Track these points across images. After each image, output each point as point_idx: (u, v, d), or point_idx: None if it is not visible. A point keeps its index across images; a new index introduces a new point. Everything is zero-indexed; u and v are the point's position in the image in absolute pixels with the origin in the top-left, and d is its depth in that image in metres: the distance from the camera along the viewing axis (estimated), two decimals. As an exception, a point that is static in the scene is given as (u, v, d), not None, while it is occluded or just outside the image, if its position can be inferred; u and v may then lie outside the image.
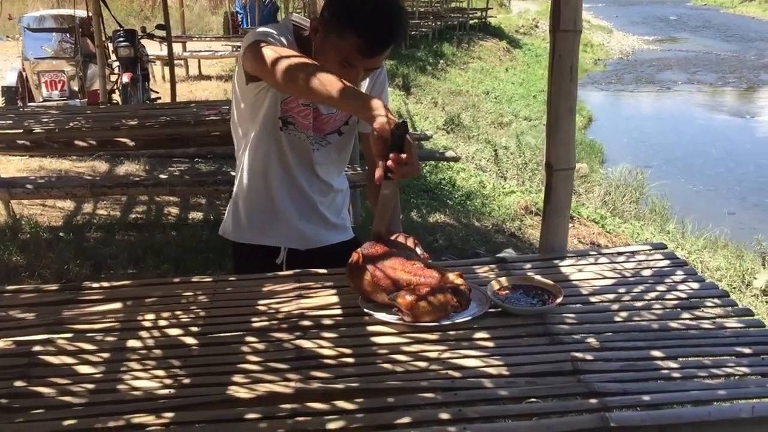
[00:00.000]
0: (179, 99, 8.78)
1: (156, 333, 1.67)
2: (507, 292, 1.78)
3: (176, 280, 2.00)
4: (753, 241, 8.16)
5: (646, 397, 1.35)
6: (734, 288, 7.01)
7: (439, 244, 4.95)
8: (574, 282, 1.89)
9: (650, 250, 2.09)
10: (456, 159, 6.60)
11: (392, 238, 1.86)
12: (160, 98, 9.26)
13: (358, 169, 4.58)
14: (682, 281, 1.87)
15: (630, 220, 8.59)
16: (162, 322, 1.72)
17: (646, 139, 14.28)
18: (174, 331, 1.68)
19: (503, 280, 1.82)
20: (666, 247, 2.10)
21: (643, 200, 10.07)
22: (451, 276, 1.70)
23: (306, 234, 2.14)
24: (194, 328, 1.69)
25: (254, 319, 1.73)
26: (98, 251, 4.98)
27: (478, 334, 1.62)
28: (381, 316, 1.68)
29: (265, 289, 1.90)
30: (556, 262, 2.03)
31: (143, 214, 5.82)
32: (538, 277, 1.84)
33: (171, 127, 4.36)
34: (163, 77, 11.35)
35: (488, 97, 15.39)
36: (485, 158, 10.48)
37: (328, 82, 1.60)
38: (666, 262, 2.00)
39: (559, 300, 1.70)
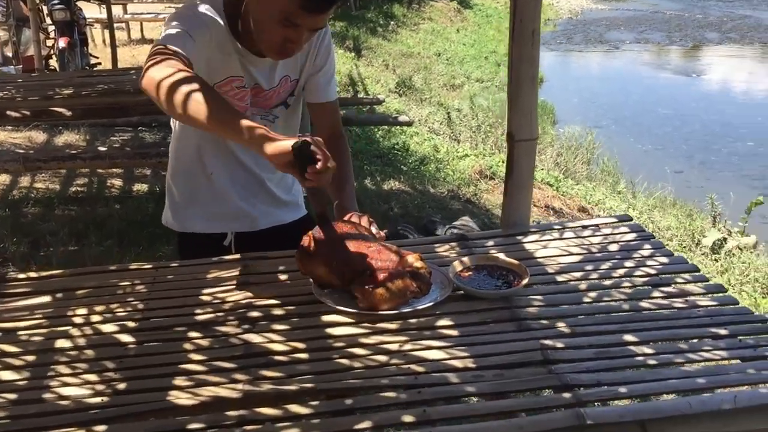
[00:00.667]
0: (121, 64, 8.42)
1: (88, 330, 1.52)
2: (470, 273, 1.67)
3: (112, 268, 1.84)
4: (700, 199, 8.25)
5: (622, 389, 1.26)
6: (684, 247, 7.08)
7: (395, 213, 4.83)
8: (539, 260, 1.80)
9: (616, 222, 2.00)
10: (409, 123, 6.47)
11: (346, 217, 1.74)
12: (100, 64, 8.86)
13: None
14: (651, 256, 1.79)
15: (582, 182, 8.60)
16: (95, 318, 1.57)
17: (595, 99, 14.32)
18: (108, 328, 1.53)
19: (466, 260, 1.71)
20: (631, 219, 2.02)
21: (594, 161, 10.10)
22: (410, 258, 1.58)
23: (252, 215, 1.99)
24: (131, 323, 1.55)
25: (198, 311, 1.59)
26: (37, 227, 4.74)
27: (441, 321, 1.51)
28: (336, 304, 1.56)
29: (209, 276, 1.76)
30: (519, 238, 1.93)
31: (84, 186, 5.56)
32: (502, 256, 1.73)
33: (110, 95, 4.12)
34: (104, 41, 10.89)
35: (440, 58, 15.20)
36: (438, 121, 10.35)
37: (209, 113, 1.44)
38: (632, 236, 1.91)
39: (525, 281, 1.60)
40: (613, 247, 1.85)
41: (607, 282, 1.67)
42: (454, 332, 1.47)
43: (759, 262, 6.27)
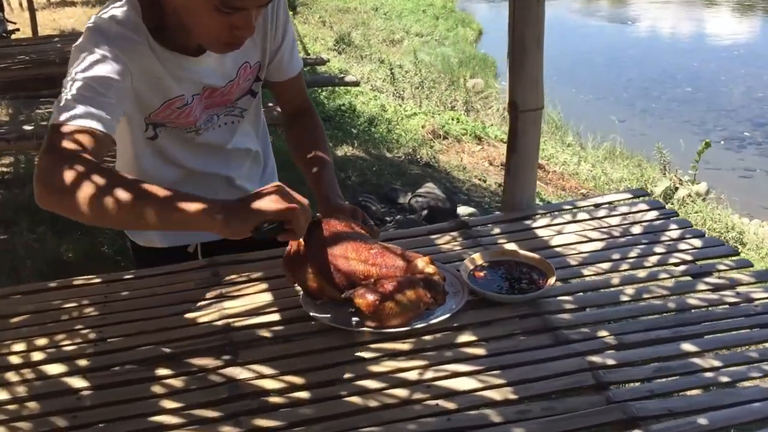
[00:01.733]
0: (41, 30, 7.81)
1: (29, 374, 1.23)
2: (485, 273, 1.43)
3: (52, 285, 1.53)
4: (646, 148, 8.21)
5: (701, 419, 1.04)
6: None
7: (353, 181, 4.56)
8: (556, 249, 1.56)
9: (632, 199, 1.78)
10: (356, 84, 6.14)
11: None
12: (18, 30, 8.21)
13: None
14: (681, 238, 1.58)
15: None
16: (36, 356, 1.27)
17: (536, 50, 14.15)
18: (55, 368, 1.24)
19: (477, 257, 1.46)
20: (648, 194, 1.80)
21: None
22: (420, 263, 1.32)
23: None
24: (83, 362, 1.25)
25: (164, 338, 1.30)
26: (-42, 216, 4.30)
27: (462, 337, 1.27)
28: (334, 321, 1.30)
29: (173, 289, 1.47)
30: (527, 223, 1.69)
31: (10, 167, 5.10)
32: (517, 248, 1.49)
33: (34, 67, 3.69)
34: (21, 5, 10.14)
35: (377, 13, 14.78)
36: (381, 79, 10.03)
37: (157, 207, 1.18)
38: (654, 214, 1.70)
39: (552, 280, 1.37)
40: (636, 229, 1.63)
41: (642, 274, 1.45)
42: (479, 350, 1.23)
43: (718, 212, 6.24)
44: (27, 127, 3.98)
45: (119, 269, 1.66)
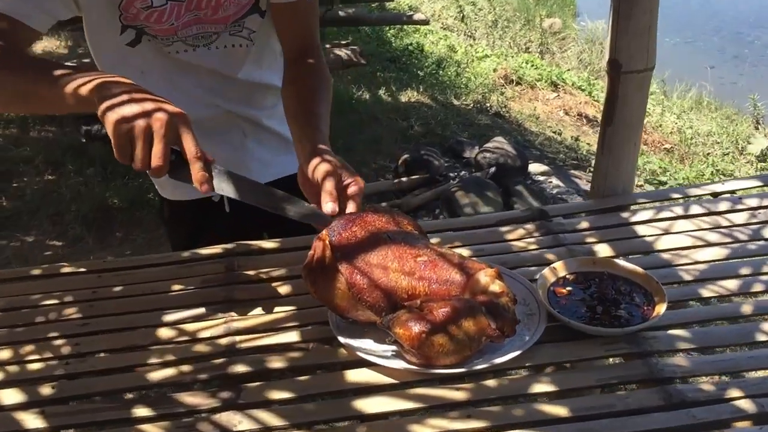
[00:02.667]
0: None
1: (-22, 404, 0.96)
2: (569, 290, 1.08)
3: (35, 271, 1.26)
4: (737, 98, 7.55)
5: None
6: (727, 154, 6.44)
7: (415, 131, 4.20)
8: (663, 257, 1.21)
9: (762, 187, 1.39)
10: (426, 22, 5.70)
11: (314, 166, 1.10)
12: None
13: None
14: (832, 248, 1.20)
15: (612, 83, 7.87)
16: (-8, 377, 1.01)
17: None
18: (9, 397, 0.97)
19: (560, 266, 1.12)
20: (784, 183, 1.41)
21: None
22: (483, 277, 0.99)
23: (248, 166, 1.39)
24: (46, 389, 0.98)
25: (153, 360, 1.02)
26: (8, 154, 4.14)
27: (540, 386, 0.94)
28: (369, 354, 0.99)
29: (174, 288, 1.18)
30: (624, 216, 1.33)
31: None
32: (619, 260, 1.14)
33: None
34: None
35: (451, -55, 14.04)
36: (452, 17, 9.49)
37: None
38: (793, 211, 1.31)
39: (662, 308, 1.02)
40: (770, 232, 1.25)
41: (783, 299, 1.09)
42: (562, 410, 0.90)
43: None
44: (86, 60, 3.73)
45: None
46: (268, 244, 1.30)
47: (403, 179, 3.54)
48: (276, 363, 1.00)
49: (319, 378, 0.99)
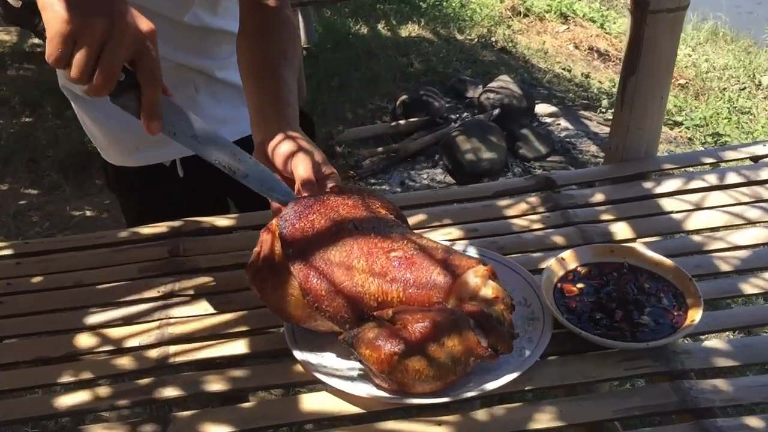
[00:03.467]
0: None
1: None
2: (582, 287, 0.88)
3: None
4: (754, 28, 7.18)
5: None
6: (743, 89, 6.14)
7: (415, 69, 3.92)
8: (694, 240, 0.99)
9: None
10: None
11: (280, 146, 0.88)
12: None
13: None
14: None
15: (623, 14, 7.49)
16: None
17: None
18: None
19: (569, 256, 0.91)
20: (838, 144, 1.18)
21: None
22: (473, 278, 0.78)
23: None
24: (-70, 419, 0.79)
25: (66, 378, 0.83)
26: (-18, 93, 3.92)
27: (542, 417, 0.74)
28: (330, 376, 0.79)
29: (106, 277, 0.99)
30: (647, 187, 1.11)
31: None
32: (642, 248, 0.93)
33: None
34: None
35: None
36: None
37: None
38: None
39: (697, 316, 0.81)
40: (825, 208, 1.03)
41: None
42: (569, 453, 0.71)
43: None
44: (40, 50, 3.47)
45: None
46: (223, 221, 1.10)
47: (401, 122, 3.31)
48: (215, 384, 0.81)
49: (267, 406, 0.79)
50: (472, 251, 0.95)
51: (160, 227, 1.08)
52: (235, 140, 1.17)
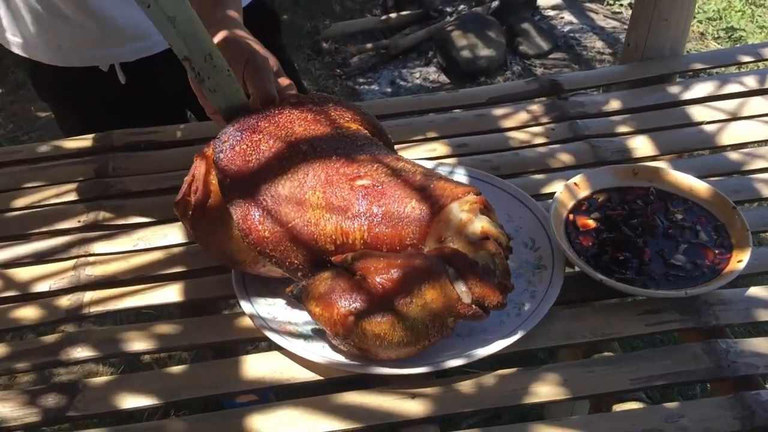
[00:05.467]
0: None
1: None
2: (596, 221, 0.71)
3: None
4: None
5: None
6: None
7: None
8: (732, 159, 0.82)
9: None
10: None
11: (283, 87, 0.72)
12: None
13: None
14: None
15: None
16: None
17: None
18: None
19: (581, 180, 0.74)
20: None
21: None
22: (457, 211, 0.61)
23: (143, 29, 0.96)
24: None
25: (-45, 333, 0.67)
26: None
27: (541, 389, 0.59)
28: (280, 334, 0.63)
29: (15, 206, 0.81)
30: (672, 91, 0.93)
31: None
32: (671, 170, 0.75)
33: None
34: None
35: None
36: None
37: None
38: None
39: (743, 258, 0.65)
40: None
41: None
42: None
43: None
44: None
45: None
46: (164, 133, 0.91)
47: (392, 15, 3.05)
48: (137, 342, 0.65)
49: (202, 369, 0.64)
50: (461, 174, 0.77)
51: (87, 140, 0.90)
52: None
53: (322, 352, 0.61)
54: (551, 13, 3.17)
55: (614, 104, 0.91)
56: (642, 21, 0.96)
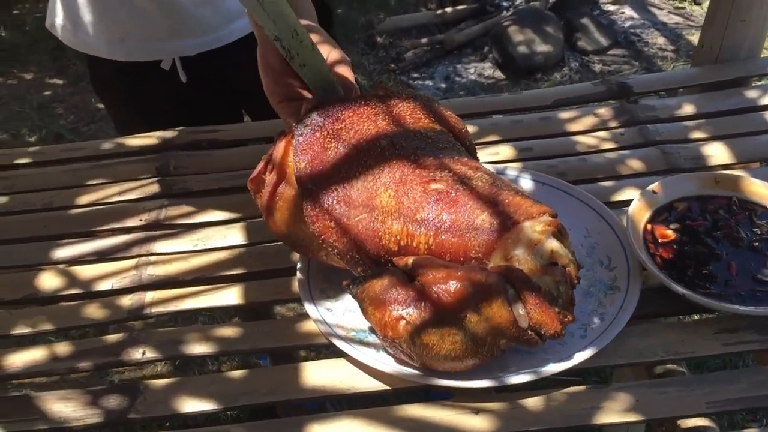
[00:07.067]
0: None
1: None
2: (676, 232, 0.68)
3: None
4: None
5: None
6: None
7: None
8: (814, 167, 0.78)
9: None
10: None
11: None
12: None
13: None
14: None
15: None
16: None
17: None
18: None
19: (657, 188, 0.71)
20: None
21: None
22: (529, 231, 0.58)
23: (207, 21, 0.96)
24: None
25: (20, 328, 0.68)
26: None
27: (614, 405, 0.57)
28: (347, 342, 0.62)
29: (78, 202, 0.82)
30: (751, 96, 0.89)
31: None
32: (755, 179, 0.72)
33: None
34: None
35: None
36: None
37: None
38: None
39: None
40: None
41: None
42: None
43: None
44: None
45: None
46: (227, 130, 0.91)
47: (447, 10, 3.03)
48: (199, 345, 0.65)
49: (260, 374, 0.63)
50: (527, 180, 0.75)
51: (149, 138, 0.91)
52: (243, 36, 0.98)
53: (392, 362, 0.60)
54: (611, 8, 3.10)
55: (687, 108, 0.87)
56: (718, 21, 0.92)
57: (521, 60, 2.68)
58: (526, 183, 0.74)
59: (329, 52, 0.70)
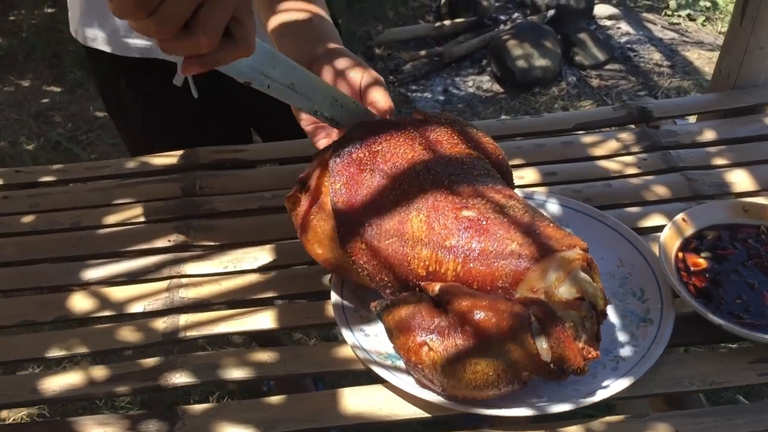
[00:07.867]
0: None
1: None
2: (708, 257, 0.69)
3: None
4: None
5: None
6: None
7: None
8: (836, 196, 0.79)
9: None
10: None
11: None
12: None
13: None
14: None
15: None
16: None
17: None
18: None
19: (684, 219, 0.72)
20: None
21: None
22: (559, 264, 0.58)
23: None
24: None
25: (54, 351, 0.68)
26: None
27: (659, 427, 0.58)
28: (380, 367, 0.62)
29: (105, 222, 0.82)
30: (770, 122, 0.90)
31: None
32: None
33: None
34: None
35: None
36: None
37: None
38: None
39: None
40: None
41: None
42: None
43: None
44: None
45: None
46: (251, 149, 0.91)
47: (446, 22, 3.04)
48: (236, 370, 0.65)
49: (299, 400, 0.63)
50: (558, 206, 0.76)
51: (172, 157, 0.91)
52: None
53: (412, 386, 0.60)
54: (608, 23, 3.13)
55: (708, 134, 0.89)
56: (737, 48, 0.94)
57: (519, 74, 2.70)
58: (558, 209, 0.75)
59: (362, 75, 0.70)
